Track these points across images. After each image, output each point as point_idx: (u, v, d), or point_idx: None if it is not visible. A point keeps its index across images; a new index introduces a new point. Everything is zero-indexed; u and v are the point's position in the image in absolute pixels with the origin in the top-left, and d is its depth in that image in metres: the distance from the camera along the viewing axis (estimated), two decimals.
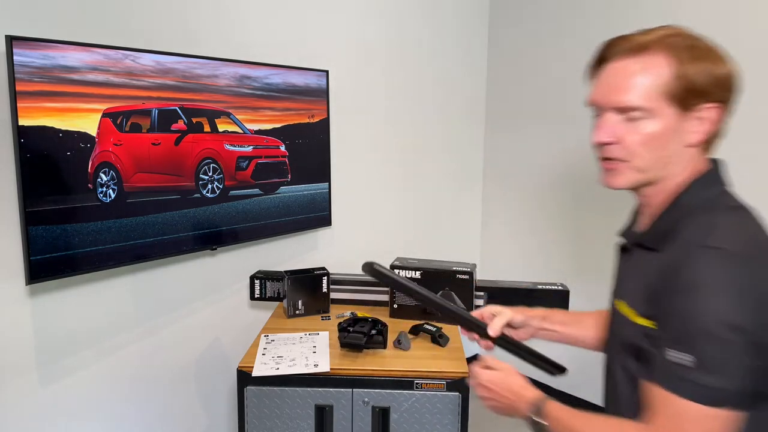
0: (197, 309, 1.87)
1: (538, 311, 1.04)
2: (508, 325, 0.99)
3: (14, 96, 1.27)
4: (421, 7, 2.44)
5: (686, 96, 0.70)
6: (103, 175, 1.47)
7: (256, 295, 1.95)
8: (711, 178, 0.75)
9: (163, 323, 1.79)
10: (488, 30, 2.73)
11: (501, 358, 0.92)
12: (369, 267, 0.89)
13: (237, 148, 1.78)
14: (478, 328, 0.95)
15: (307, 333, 1.67)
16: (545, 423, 0.80)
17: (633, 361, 0.76)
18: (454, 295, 1.75)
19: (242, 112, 1.78)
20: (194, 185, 1.68)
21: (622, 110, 0.73)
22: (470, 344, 2.40)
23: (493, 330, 0.94)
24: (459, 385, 1.42)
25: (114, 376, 1.68)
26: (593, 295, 2.28)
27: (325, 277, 1.85)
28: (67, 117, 1.37)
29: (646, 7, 2.06)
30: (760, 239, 0.69)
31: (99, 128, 1.44)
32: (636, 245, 0.82)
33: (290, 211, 1.99)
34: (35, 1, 1.40)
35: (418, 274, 1.79)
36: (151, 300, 1.74)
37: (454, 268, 1.78)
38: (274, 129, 1.88)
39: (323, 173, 2.09)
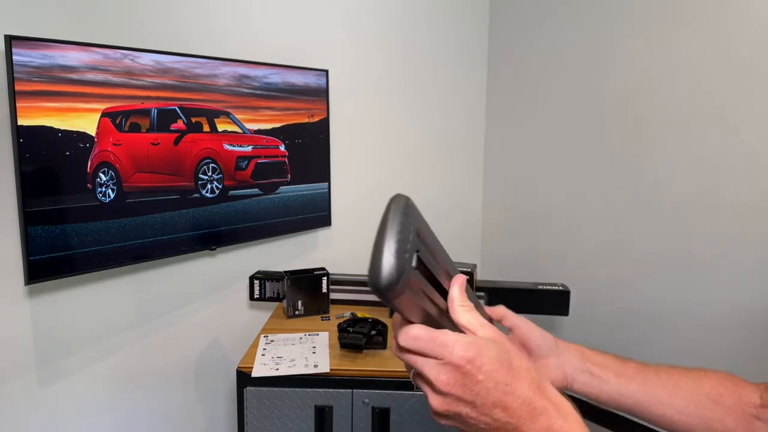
0: (196, 309, 1.87)
1: (575, 346, 0.67)
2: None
3: (13, 96, 1.26)
4: (421, 6, 2.43)
5: None
6: (102, 175, 1.46)
7: (255, 296, 1.95)
8: None
9: (162, 324, 1.78)
10: (489, 27, 2.73)
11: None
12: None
13: (236, 148, 1.77)
14: None
15: (307, 333, 1.67)
16: None
17: None
18: None
19: (241, 112, 1.78)
20: (193, 185, 1.67)
21: None
22: None
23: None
24: None
25: (113, 377, 1.67)
26: (595, 296, 2.28)
27: (325, 278, 1.85)
28: (66, 117, 1.37)
29: (647, 3, 2.06)
30: None
31: (98, 128, 1.44)
32: None
33: (290, 211, 1.98)
34: (34, 0, 1.39)
35: None
36: (150, 300, 1.73)
37: None
38: (274, 129, 1.88)
39: (323, 173, 2.09)
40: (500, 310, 0.66)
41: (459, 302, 0.43)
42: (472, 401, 0.39)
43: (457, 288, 0.44)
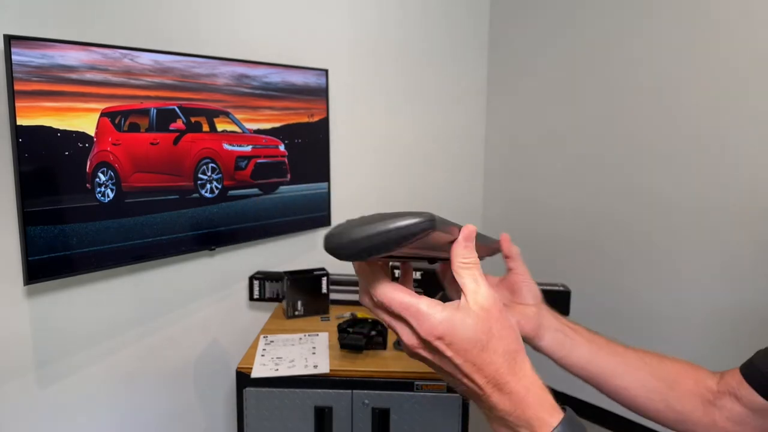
0: (196, 310, 1.87)
1: (555, 312, 0.69)
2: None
3: (12, 95, 1.26)
4: (421, 5, 2.43)
5: None
6: (101, 175, 1.46)
7: (255, 296, 1.94)
8: None
9: (161, 324, 1.78)
10: (489, 26, 2.72)
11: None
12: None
13: (236, 148, 1.77)
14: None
15: (307, 334, 1.67)
16: None
17: None
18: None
19: (241, 112, 1.77)
20: (193, 185, 1.67)
21: None
22: None
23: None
24: None
25: (112, 377, 1.67)
26: (596, 297, 2.28)
27: (325, 278, 1.84)
28: (66, 116, 1.37)
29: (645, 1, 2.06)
30: None
31: (97, 128, 1.43)
32: None
33: (289, 211, 1.98)
34: (34, 0, 1.39)
35: (418, 274, 1.78)
36: (149, 301, 1.73)
37: None
38: (274, 128, 1.88)
39: (322, 173, 2.08)
40: (513, 251, 0.69)
41: (461, 257, 0.41)
42: (440, 366, 0.40)
43: (462, 240, 0.42)
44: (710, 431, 0.65)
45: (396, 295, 0.40)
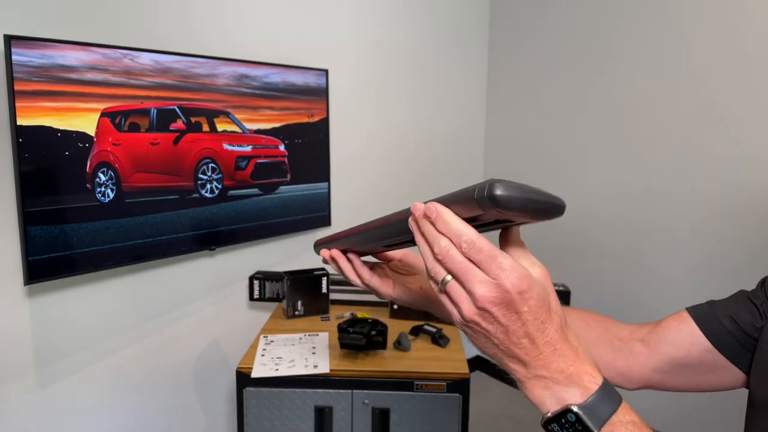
0: (196, 310, 1.87)
1: None
2: None
3: (12, 95, 1.26)
4: (421, 5, 2.43)
5: None
6: (101, 175, 1.46)
7: (255, 296, 1.94)
8: None
9: (161, 324, 1.78)
10: (489, 27, 2.73)
11: None
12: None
13: (236, 148, 1.77)
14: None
15: (307, 334, 1.67)
16: None
17: None
18: None
19: (241, 112, 1.77)
20: (193, 185, 1.67)
21: None
22: (471, 345, 2.31)
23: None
24: (460, 386, 1.41)
25: (112, 378, 1.67)
26: (596, 297, 2.28)
27: (325, 278, 1.84)
28: (66, 116, 1.37)
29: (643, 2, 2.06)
30: None
31: (97, 128, 1.44)
32: None
33: (289, 211, 1.98)
34: (34, 0, 1.39)
35: None
36: (149, 301, 1.73)
37: None
38: (274, 128, 1.88)
39: (323, 173, 2.08)
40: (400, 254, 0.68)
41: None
42: (506, 326, 0.40)
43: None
44: (625, 375, 0.67)
45: (483, 242, 0.40)
